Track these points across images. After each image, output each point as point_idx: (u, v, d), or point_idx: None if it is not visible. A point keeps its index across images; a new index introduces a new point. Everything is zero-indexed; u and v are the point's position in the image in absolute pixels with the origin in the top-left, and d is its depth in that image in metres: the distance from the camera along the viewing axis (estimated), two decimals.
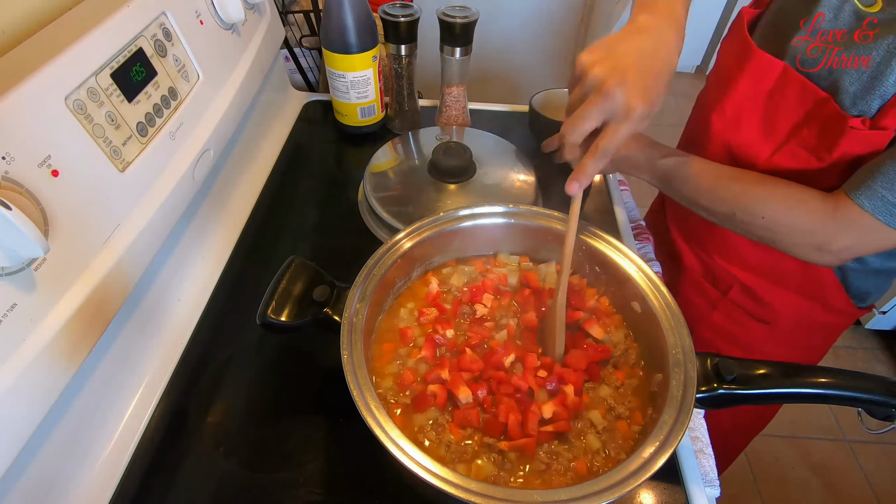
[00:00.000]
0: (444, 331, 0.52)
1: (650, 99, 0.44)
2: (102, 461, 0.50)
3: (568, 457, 0.45)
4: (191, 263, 0.65)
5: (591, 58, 0.45)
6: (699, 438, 0.58)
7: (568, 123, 0.47)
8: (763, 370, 0.44)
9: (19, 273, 0.37)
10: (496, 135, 0.82)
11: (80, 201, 0.43)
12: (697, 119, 0.76)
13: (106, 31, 0.47)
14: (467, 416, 0.46)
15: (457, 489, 0.36)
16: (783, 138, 0.60)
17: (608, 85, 0.43)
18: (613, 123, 0.45)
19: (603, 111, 0.45)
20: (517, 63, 1.59)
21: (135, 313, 0.55)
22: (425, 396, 0.48)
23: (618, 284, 0.55)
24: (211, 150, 0.62)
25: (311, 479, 0.50)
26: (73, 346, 0.42)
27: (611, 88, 0.43)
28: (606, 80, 0.43)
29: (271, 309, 0.48)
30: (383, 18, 0.77)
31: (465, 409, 0.47)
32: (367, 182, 0.73)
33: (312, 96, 0.99)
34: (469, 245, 0.60)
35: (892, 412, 0.43)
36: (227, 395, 0.57)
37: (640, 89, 0.44)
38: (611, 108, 0.44)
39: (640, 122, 0.45)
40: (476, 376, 0.49)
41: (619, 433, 0.47)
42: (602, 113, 0.45)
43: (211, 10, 0.63)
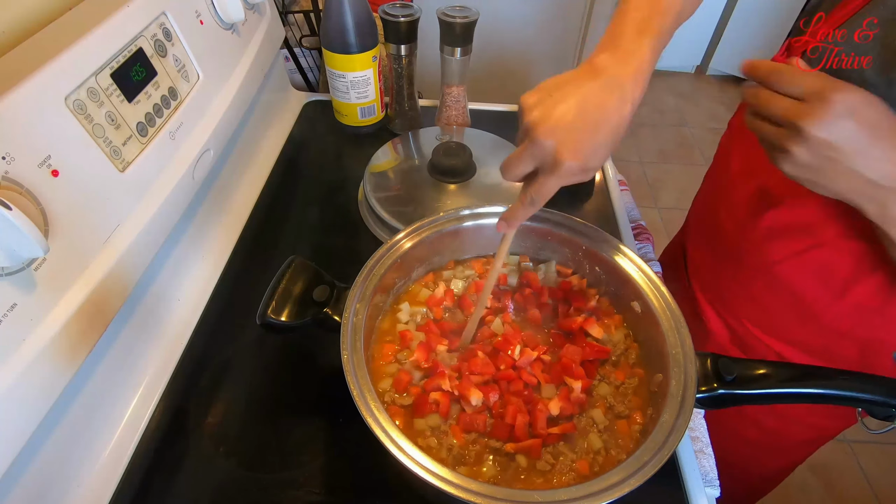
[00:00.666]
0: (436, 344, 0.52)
1: (582, 155, 0.41)
2: (102, 461, 0.50)
3: (571, 457, 0.45)
4: (191, 263, 0.65)
5: (529, 100, 0.42)
6: (699, 438, 0.58)
7: (505, 163, 0.45)
8: (763, 370, 0.44)
9: (19, 273, 0.37)
10: (496, 135, 0.82)
11: (80, 201, 0.43)
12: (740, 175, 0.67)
13: (106, 31, 0.47)
14: (474, 420, 0.46)
15: (457, 489, 0.36)
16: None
17: (536, 133, 0.41)
18: (543, 175, 0.43)
19: (533, 159, 0.42)
20: (517, 63, 1.59)
21: (135, 313, 0.55)
22: (426, 403, 0.48)
23: (618, 284, 0.55)
24: (211, 150, 0.62)
25: (311, 479, 0.50)
26: (73, 346, 0.42)
27: (538, 137, 0.41)
28: (536, 126, 0.41)
29: (271, 309, 0.48)
30: (383, 18, 0.77)
31: (472, 414, 0.47)
32: (367, 182, 0.73)
33: (312, 96, 0.99)
34: (469, 245, 0.60)
35: (892, 412, 0.43)
36: (227, 395, 0.57)
37: (571, 144, 0.40)
38: (540, 157, 0.42)
39: (573, 176, 0.42)
40: (487, 379, 0.49)
41: (620, 433, 0.47)
42: (533, 160, 0.42)
43: (211, 10, 0.63)
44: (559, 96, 0.41)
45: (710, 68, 2.96)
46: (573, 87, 0.42)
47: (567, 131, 0.40)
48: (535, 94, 0.43)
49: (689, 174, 2.38)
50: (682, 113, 2.77)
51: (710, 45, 2.89)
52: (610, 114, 0.41)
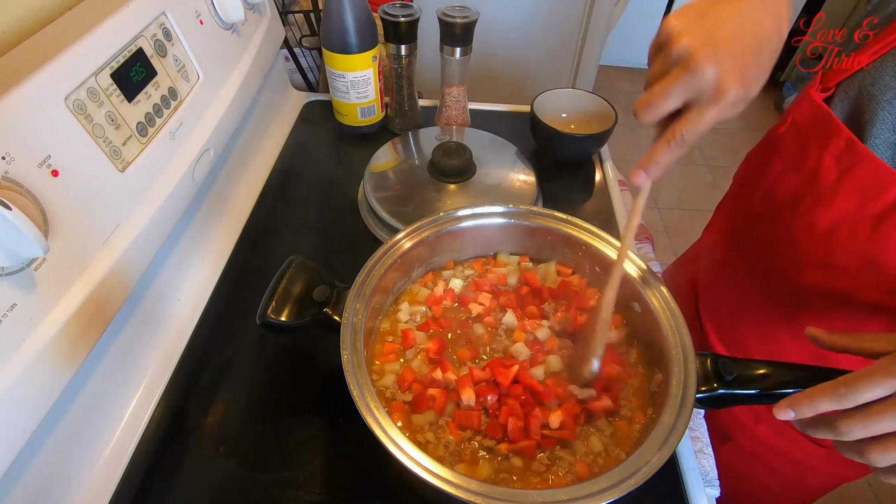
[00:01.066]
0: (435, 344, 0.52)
1: (748, 81, 0.36)
2: (102, 461, 0.50)
3: (570, 460, 0.45)
4: (191, 263, 0.65)
5: (680, 23, 0.37)
6: (699, 438, 0.58)
7: (643, 100, 0.39)
8: (763, 370, 0.44)
9: (19, 273, 0.37)
10: (496, 135, 0.82)
11: (80, 201, 0.43)
12: (764, 216, 0.61)
13: (106, 31, 0.47)
14: (469, 417, 0.47)
15: (457, 489, 0.36)
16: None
17: (698, 59, 0.35)
18: (698, 107, 0.37)
19: (688, 90, 0.37)
20: (517, 63, 1.59)
21: (135, 313, 0.55)
22: (424, 398, 0.48)
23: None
24: (211, 150, 0.62)
25: (311, 479, 0.50)
26: (73, 347, 0.42)
27: (701, 64, 0.35)
28: (696, 52, 0.35)
29: (271, 309, 0.48)
30: (383, 18, 0.77)
31: (466, 411, 0.47)
32: (367, 182, 0.73)
33: (312, 96, 0.99)
34: (469, 245, 0.60)
35: None
36: (227, 395, 0.57)
37: (737, 68, 0.36)
38: (698, 88, 0.36)
39: (732, 108, 0.37)
40: (488, 379, 0.49)
41: (620, 433, 0.47)
42: (687, 92, 0.37)
43: (211, 10, 0.63)
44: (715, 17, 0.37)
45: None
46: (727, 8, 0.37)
47: (732, 56, 0.35)
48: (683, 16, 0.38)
49: (689, 174, 2.38)
50: None
51: None
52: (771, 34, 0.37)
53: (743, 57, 0.36)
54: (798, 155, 0.55)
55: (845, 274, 0.52)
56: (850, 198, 0.50)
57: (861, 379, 0.34)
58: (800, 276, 0.56)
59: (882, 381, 0.33)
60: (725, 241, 0.71)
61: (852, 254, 0.51)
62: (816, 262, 0.54)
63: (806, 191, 0.54)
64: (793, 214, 0.55)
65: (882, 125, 0.47)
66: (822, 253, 0.53)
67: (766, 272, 0.61)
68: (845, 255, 0.51)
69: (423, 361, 0.51)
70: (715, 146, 2.53)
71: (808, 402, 0.36)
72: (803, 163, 0.54)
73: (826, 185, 0.52)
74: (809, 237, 0.54)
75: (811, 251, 0.54)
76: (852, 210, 0.50)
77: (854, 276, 0.52)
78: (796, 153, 0.55)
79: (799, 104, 0.56)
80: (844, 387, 0.35)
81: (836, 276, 0.53)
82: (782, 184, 0.57)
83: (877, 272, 0.50)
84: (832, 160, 0.51)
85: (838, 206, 0.51)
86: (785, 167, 0.57)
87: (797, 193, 0.55)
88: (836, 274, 0.53)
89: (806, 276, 0.56)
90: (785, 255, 0.57)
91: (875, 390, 0.34)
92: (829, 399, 0.35)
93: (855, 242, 0.51)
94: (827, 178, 0.51)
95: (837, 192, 0.51)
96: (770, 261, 0.60)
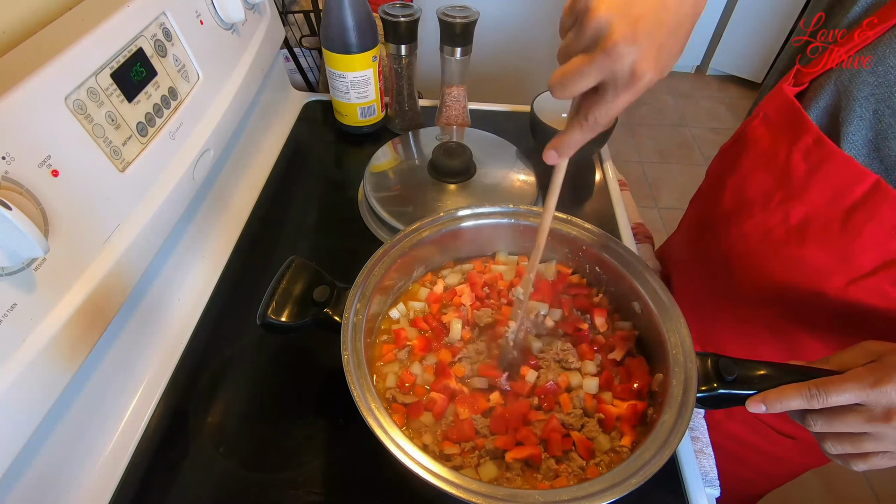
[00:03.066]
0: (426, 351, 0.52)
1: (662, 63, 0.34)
2: (102, 461, 0.50)
3: (580, 463, 0.45)
4: (191, 263, 0.65)
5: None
6: (699, 438, 0.58)
7: (557, 78, 0.36)
8: (763, 371, 0.44)
9: (19, 273, 0.37)
10: (496, 135, 0.82)
11: (80, 201, 0.43)
12: (734, 211, 0.60)
13: (106, 31, 0.47)
14: (462, 430, 0.46)
15: (457, 489, 0.36)
16: (867, 269, 0.50)
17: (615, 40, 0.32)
18: (613, 90, 0.35)
19: (603, 72, 0.34)
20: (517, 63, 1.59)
21: (135, 313, 0.55)
22: (421, 405, 0.48)
23: (618, 284, 0.55)
24: (211, 150, 0.62)
25: (311, 479, 0.50)
26: (73, 347, 0.42)
27: (618, 46, 0.33)
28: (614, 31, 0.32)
29: (271, 309, 0.48)
30: (383, 18, 0.77)
31: (460, 426, 0.47)
32: (367, 182, 0.73)
33: (312, 96, 0.99)
34: (469, 245, 0.60)
35: None
36: (227, 395, 0.57)
37: (654, 50, 0.33)
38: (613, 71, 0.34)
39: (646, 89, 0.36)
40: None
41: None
42: (602, 73, 0.34)
43: (211, 10, 0.63)
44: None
45: (710, 68, 2.96)
46: None
47: (649, 36, 0.33)
48: None
49: (689, 174, 2.38)
50: (682, 113, 2.77)
51: (710, 45, 2.89)
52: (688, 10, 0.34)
53: (660, 37, 0.34)
54: (769, 150, 0.55)
55: (815, 269, 0.53)
56: (820, 193, 0.51)
57: (832, 385, 0.38)
58: (772, 271, 0.57)
59: (851, 389, 0.37)
60: (698, 236, 0.71)
61: (824, 248, 0.52)
62: (789, 257, 0.55)
63: (777, 185, 0.54)
64: (764, 209, 0.56)
65: (859, 122, 0.48)
66: (794, 248, 0.54)
67: (739, 268, 0.62)
68: (818, 249, 0.52)
69: (414, 359, 0.52)
70: (715, 146, 2.52)
71: (779, 399, 0.40)
72: (774, 158, 0.54)
73: (796, 181, 0.52)
74: (782, 232, 0.55)
75: (784, 246, 0.55)
76: (823, 205, 0.51)
77: (823, 270, 0.53)
78: (767, 148, 0.56)
79: (771, 99, 0.56)
80: (816, 389, 0.38)
81: (807, 272, 0.54)
82: (753, 178, 0.57)
83: (847, 266, 0.51)
84: (800, 156, 0.51)
85: (809, 200, 0.52)
86: (756, 162, 0.57)
87: (768, 188, 0.55)
88: (807, 270, 0.54)
89: (777, 271, 0.56)
90: (758, 251, 0.58)
91: (844, 396, 0.38)
92: (799, 399, 0.39)
93: (827, 236, 0.51)
94: (797, 173, 0.52)
95: (808, 188, 0.51)
96: (743, 256, 0.60)
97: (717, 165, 0.67)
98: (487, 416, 0.48)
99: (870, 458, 0.40)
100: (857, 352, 0.41)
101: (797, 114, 0.52)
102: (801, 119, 0.51)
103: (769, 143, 0.55)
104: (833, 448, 0.41)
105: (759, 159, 0.57)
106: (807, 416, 0.41)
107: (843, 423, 0.39)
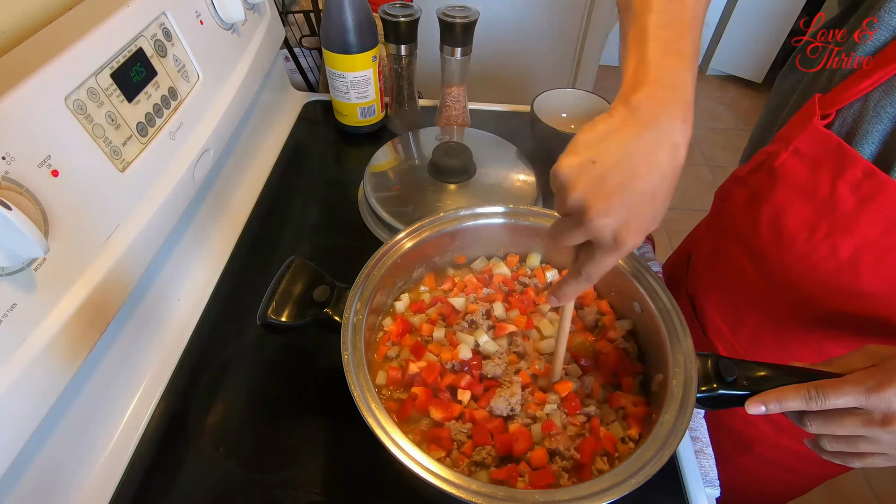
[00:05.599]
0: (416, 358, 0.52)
1: (642, 227, 0.35)
2: (102, 461, 0.50)
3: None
4: (191, 263, 0.65)
5: (570, 172, 0.35)
6: (699, 438, 0.58)
7: (550, 234, 0.39)
8: (763, 372, 0.44)
9: (19, 273, 0.37)
10: (496, 135, 0.82)
11: (80, 201, 0.43)
12: (773, 243, 0.58)
13: (106, 31, 0.47)
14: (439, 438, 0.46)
15: (457, 489, 0.36)
16: None
17: (591, 216, 0.34)
18: (601, 251, 0.37)
19: (587, 236, 0.37)
20: (517, 63, 1.59)
21: (135, 313, 0.55)
22: (410, 406, 0.48)
23: (618, 284, 0.55)
24: (211, 150, 0.62)
25: (311, 479, 0.50)
26: (74, 347, 0.42)
27: (594, 222, 0.34)
28: (589, 209, 0.34)
29: (271, 309, 0.48)
30: (383, 18, 0.77)
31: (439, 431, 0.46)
32: (367, 182, 0.73)
33: (312, 96, 0.99)
34: (469, 245, 0.60)
35: None
36: (227, 395, 0.57)
37: (631, 219, 0.35)
38: (597, 237, 0.36)
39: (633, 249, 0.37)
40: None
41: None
42: (586, 237, 0.37)
43: (211, 10, 0.63)
44: (604, 162, 0.34)
45: (710, 68, 2.96)
46: (617, 145, 0.34)
47: (625, 208, 0.34)
48: (572, 158, 0.35)
49: (689, 174, 2.38)
50: None
51: (710, 45, 2.89)
52: (666, 171, 0.34)
53: (636, 204, 0.35)
54: (807, 183, 0.54)
55: (875, 299, 0.52)
56: (873, 225, 0.49)
57: (831, 388, 0.38)
58: (823, 302, 0.56)
59: (850, 393, 0.37)
60: (729, 263, 0.68)
61: (882, 280, 0.51)
62: (841, 289, 0.54)
63: (820, 219, 0.53)
64: (808, 242, 0.54)
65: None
66: (847, 280, 0.53)
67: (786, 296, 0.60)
68: (874, 280, 0.51)
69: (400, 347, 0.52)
70: (715, 146, 2.53)
71: (778, 400, 0.40)
72: (814, 191, 0.53)
73: (844, 213, 0.51)
74: (831, 265, 0.53)
75: (835, 278, 0.54)
76: (876, 237, 0.49)
77: (885, 300, 0.52)
78: (805, 181, 0.54)
79: (800, 132, 0.53)
80: (815, 391, 0.39)
81: (864, 301, 0.53)
82: (790, 211, 0.56)
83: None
84: (847, 188, 0.50)
85: (860, 233, 0.50)
86: (792, 195, 0.55)
87: (810, 222, 0.54)
88: (864, 299, 0.53)
89: (830, 302, 0.55)
90: (805, 282, 0.56)
91: (842, 400, 0.38)
92: (797, 401, 0.39)
93: (883, 269, 0.50)
94: (844, 206, 0.51)
95: (858, 220, 0.50)
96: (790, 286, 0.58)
97: (737, 192, 0.64)
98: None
99: (865, 457, 0.40)
100: (859, 355, 0.41)
101: (837, 147, 0.50)
102: (843, 152, 0.49)
103: (806, 176, 0.53)
104: (829, 446, 0.41)
105: (795, 193, 0.55)
106: (804, 417, 0.41)
107: (841, 426, 0.39)
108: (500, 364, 0.49)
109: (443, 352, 0.51)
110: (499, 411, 0.47)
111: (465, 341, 0.51)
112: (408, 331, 0.54)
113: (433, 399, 0.48)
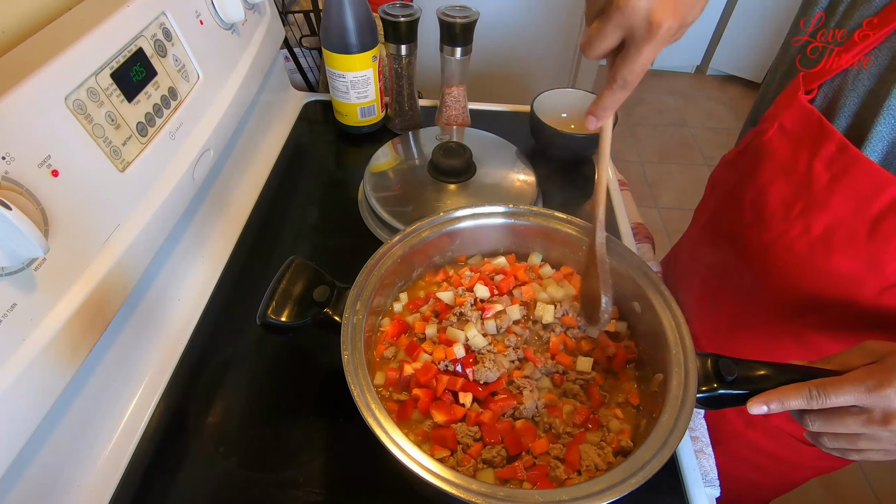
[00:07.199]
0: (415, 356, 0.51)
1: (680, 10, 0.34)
2: (102, 461, 0.50)
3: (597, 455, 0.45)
4: (191, 263, 0.65)
5: None
6: (699, 438, 0.58)
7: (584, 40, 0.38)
8: (763, 371, 0.44)
9: (19, 273, 0.37)
10: (496, 135, 0.82)
11: (80, 201, 0.43)
12: (754, 223, 0.60)
13: (106, 31, 0.47)
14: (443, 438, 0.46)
15: (457, 489, 0.36)
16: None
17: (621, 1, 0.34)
18: (634, 44, 0.36)
19: (622, 28, 0.35)
20: (517, 63, 1.60)
21: (135, 313, 0.55)
22: (411, 406, 0.48)
23: (618, 284, 0.54)
24: (211, 150, 0.62)
25: (311, 479, 0.50)
26: (74, 346, 0.42)
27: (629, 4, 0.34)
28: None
29: (271, 309, 0.48)
30: (383, 18, 0.77)
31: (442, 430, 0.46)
32: (367, 182, 0.73)
33: (312, 96, 0.99)
34: (469, 245, 0.60)
35: None
36: (227, 395, 0.57)
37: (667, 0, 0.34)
38: (631, 25, 0.35)
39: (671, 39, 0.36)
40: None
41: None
42: (621, 30, 0.35)
43: (211, 10, 0.63)
44: None
45: (710, 68, 2.96)
46: None
47: None
48: None
49: (688, 174, 2.38)
50: (682, 113, 2.77)
51: (710, 45, 2.89)
52: None
53: None
54: (788, 160, 0.55)
55: (846, 280, 0.52)
56: (844, 202, 0.50)
57: (831, 386, 0.38)
58: (799, 283, 0.56)
59: (851, 391, 0.38)
60: (713, 249, 0.70)
61: (852, 257, 0.51)
62: (816, 270, 0.54)
63: (797, 196, 0.54)
64: (784, 220, 0.55)
65: (883, 124, 0.47)
66: (820, 259, 0.53)
67: (763, 280, 0.61)
68: (846, 258, 0.52)
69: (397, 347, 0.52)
70: (715, 146, 2.53)
71: (779, 399, 0.40)
72: (793, 168, 0.54)
73: (818, 190, 0.52)
74: (804, 243, 0.54)
75: (809, 258, 0.54)
76: (847, 214, 0.50)
77: (853, 279, 0.52)
78: (786, 159, 0.55)
79: (786, 108, 0.55)
80: (816, 390, 0.39)
81: (835, 283, 0.53)
82: (771, 190, 0.57)
83: (879, 274, 0.50)
84: (822, 164, 0.51)
85: (832, 210, 0.51)
86: (773, 173, 0.57)
87: (788, 199, 0.55)
88: (835, 281, 0.53)
89: (805, 283, 0.56)
90: (782, 263, 0.57)
91: (843, 398, 0.38)
92: (799, 400, 0.39)
93: (853, 246, 0.51)
94: (818, 182, 0.51)
95: (831, 197, 0.51)
96: (766, 268, 0.59)
97: (725, 175, 0.65)
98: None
99: (865, 452, 0.41)
100: (858, 351, 0.41)
101: (817, 122, 0.51)
102: (822, 127, 0.50)
103: (788, 153, 0.55)
104: (829, 444, 0.42)
105: (777, 170, 0.56)
106: (804, 415, 0.41)
107: (841, 424, 0.39)
108: (492, 368, 0.49)
109: (436, 350, 0.50)
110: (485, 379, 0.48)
111: (456, 338, 0.51)
112: (403, 331, 0.54)
113: (434, 402, 0.48)
